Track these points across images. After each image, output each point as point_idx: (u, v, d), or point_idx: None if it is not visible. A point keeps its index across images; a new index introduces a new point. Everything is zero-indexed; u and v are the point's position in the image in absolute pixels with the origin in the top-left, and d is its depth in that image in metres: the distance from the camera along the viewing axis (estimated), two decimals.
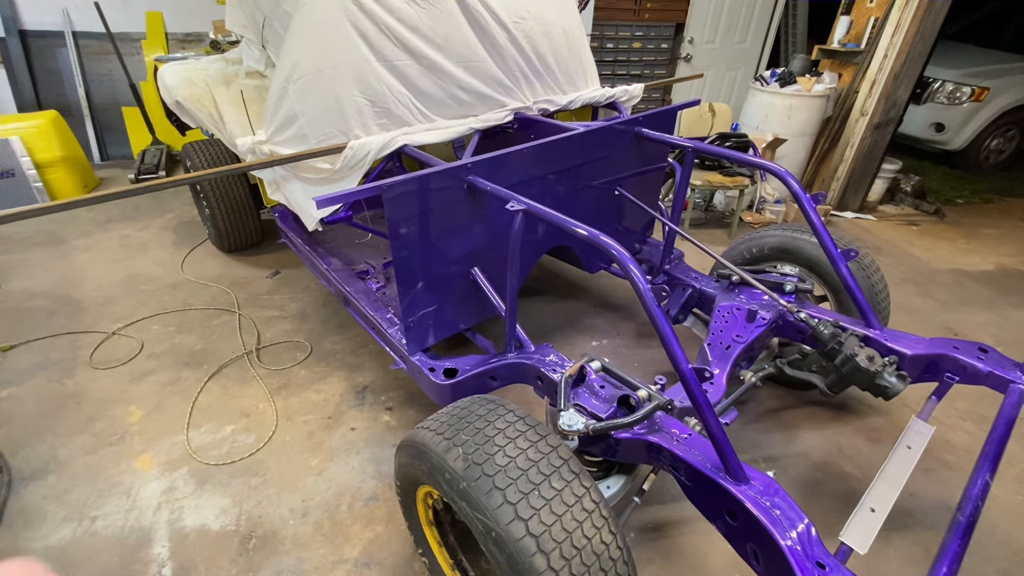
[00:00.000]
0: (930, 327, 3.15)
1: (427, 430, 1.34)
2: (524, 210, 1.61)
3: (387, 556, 1.80)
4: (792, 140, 4.47)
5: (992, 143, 5.70)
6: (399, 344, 2.04)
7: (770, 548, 1.18)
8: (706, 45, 5.72)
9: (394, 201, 1.66)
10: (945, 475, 2.18)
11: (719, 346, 1.97)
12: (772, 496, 1.25)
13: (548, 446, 1.24)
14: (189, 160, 3.39)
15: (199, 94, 2.87)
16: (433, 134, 2.20)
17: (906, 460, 1.54)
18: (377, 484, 2.06)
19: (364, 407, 2.42)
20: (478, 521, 1.15)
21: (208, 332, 2.90)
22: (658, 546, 1.86)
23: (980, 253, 4.13)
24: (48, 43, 4.93)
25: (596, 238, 1.42)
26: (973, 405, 2.50)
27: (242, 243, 3.62)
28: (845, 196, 4.65)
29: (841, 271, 1.89)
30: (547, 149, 2.04)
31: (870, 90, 4.24)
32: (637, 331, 2.98)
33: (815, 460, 2.22)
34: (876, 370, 1.79)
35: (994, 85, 5.34)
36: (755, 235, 2.46)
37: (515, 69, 2.41)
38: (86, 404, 2.39)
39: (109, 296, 3.17)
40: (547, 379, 1.77)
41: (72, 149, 4.49)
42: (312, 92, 2.00)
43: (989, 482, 1.34)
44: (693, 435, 1.46)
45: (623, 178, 2.46)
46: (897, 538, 1.90)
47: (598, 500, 1.18)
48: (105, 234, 3.90)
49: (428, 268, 1.88)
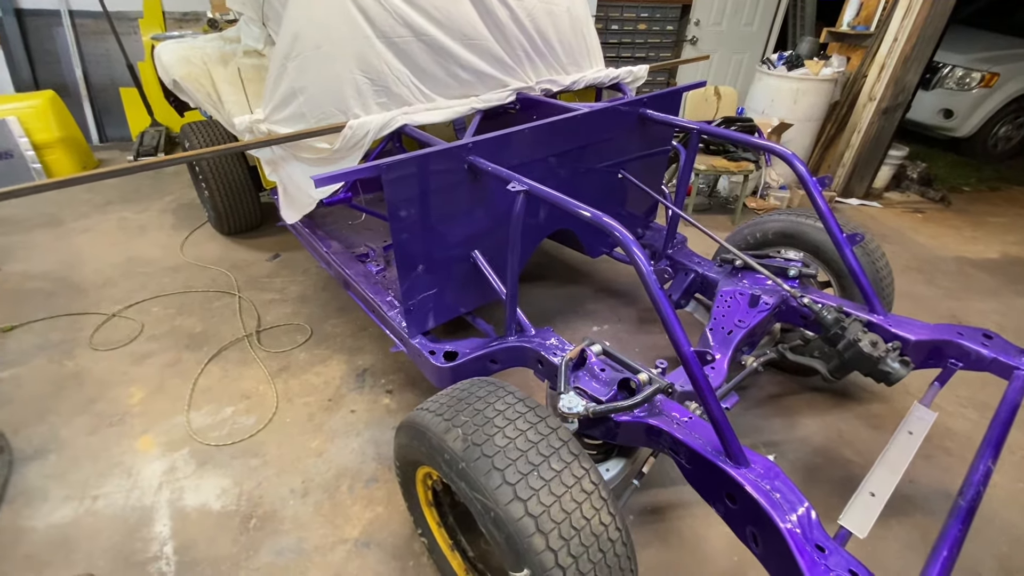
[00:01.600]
0: (934, 314, 3.14)
1: (427, 411, 1.33)
2: (525, 191, 1.59)
3: (387, 536, 1.81)
4: (798, 125, 4.40)
5: (1000, 130, 5.62)
6: (399, 327, 2.03)
7: (769, 531, 1.18)
8: (712, 27, 5.63)
9: (394, 182, 1.64)
10: (946, 462, 2.18)
11: (721, 331, 1.96)
12: (772, 479, 1.24)
13: (548, 427, 1.23)
14: (188, 141, 3.36)
15: (196, 73, 2.83)
16: (434, 114, 2.16)
17: (907, 446, 1.53)
18: (377, 466, 2.06)
19: (364, 390, 2.42)
20: (477, 501, 1.14)
21: (208, 315, 2.89)
22: (657, 529, 1.87)
23: (985, 241, 4.09)
24: (45, 22, 4.86)
25: (599, 219, 1.40)
26: (975, 392, 2.49)
27: (242, 226, 3.60)
28: (851, 182, 4.59)
29: (846, 255, 1.87)
30: (549, 130, 2.01)
31: (879, 74, 4.17)
32: (639, 317, 2.97)
33: (815, 445, 2.22)
34: (879, 356, 1.78)
35: (1004, 71, 5.25)
36: (759, 220, 2.43)
37: (517, 48, 2.36)
38: (87, 385, 2.39)
39: (108, 278, 3.16)
40: (547, 362, 1.76)
41: (70, 130, 4.45)
42: (311, 69, 1.97)
43: (991, 468, 1.34)
44: (694, 418, 1.45)
45: (626, 161, 2.42)
46: (896, 524, 1.90)
47: (597, 482, 1.18)
48: (104, 216, 3.88)
49: (428, 251, 1.86)
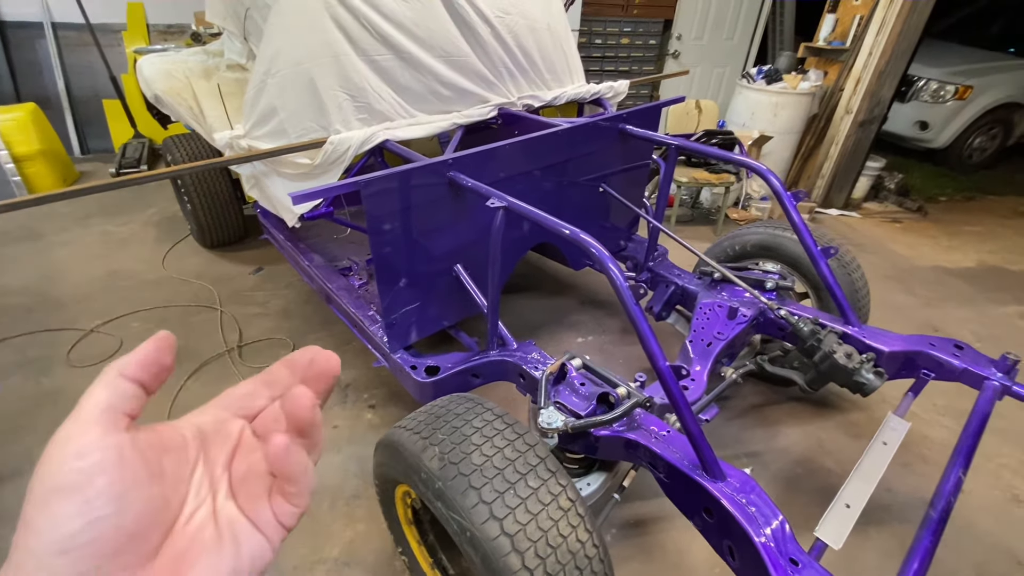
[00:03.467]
0: (912, 323, 3.19)
1: (404, 429, 1.33)
2: (505, 207, 1.60)
3: (367, 555, 1.79)
4: (778, 137, 4.49)
5: (975, 141, 5.76)
6: (381, 342, 2.02)
7: (745, 545, 1.19)
8: (694, 42, 5.73)
9: (373, 197, 1.64)
10: (922, 469, 2.21)
11: (700, 343, 1.98)
12: (748, 493, 1.26)
13: (525, 444, 1.24)
14: (170, 155, 3.34)
15: (178, 87, 2.82)
16: (415, 129, 2.18)
17: (881, 456, 1.55)
18: (359, 482, 2.05)
19: (347, 405, 2.41)
20: (453, 521, 1.14)
21: (189, 329, 2.86)
22: (639, 542, 1.87)
23: (962, 250, 4.18)
24: (27, 34, 4.82)
25: (576, 236, 1.41)
26: (951, 400, 2.53)
27: (225, 239, 3.57)
28: (830, 193, 4.68)
29: (821, 269, 1.90)
30: (530, 145, 2.03)
31: (855, 88, 4.27)
32: (623, 327, 2.99)
33: (796, 455, 2.24)
34: (854, 367, 1.81)
35: (978, 83, 5.40)
36: (738, 232, 2.47)
37: (499, 64, 2.39)
38: (63, 403, 2.35)
39: (88, 293, 3.12)
40: (529, 376, 1.76)
41: (51, 142, 4.40)
42: (291, 86, 1.97)
43: (962, 478, 1.36)
44: (672, 432, 1.46)
45: (607, 175, 2.45)
46: (875, 532, 1.92)
47: (574, 498, 1.18)
48: (85, 230, 3.84)
49: (409, 265, 1.86)
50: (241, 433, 0.41)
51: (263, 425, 0.41)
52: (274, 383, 0.43)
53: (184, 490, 0.36)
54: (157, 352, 0.35)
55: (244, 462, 0.39)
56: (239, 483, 0.39)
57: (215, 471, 0.39)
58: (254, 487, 0.38)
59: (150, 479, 0.33)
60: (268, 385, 0.43)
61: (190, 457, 0.37)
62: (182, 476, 0.36)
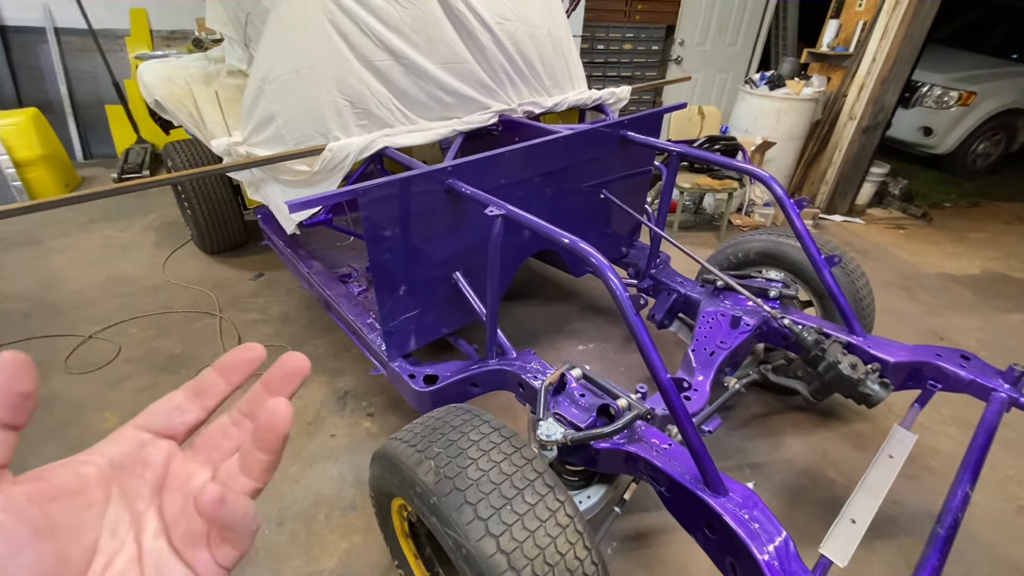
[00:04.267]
0: (916, 331, 3.16)
1: (399, 441, 1.31)
2: (503, 215, 1.58)
3: (363, 568, 1.76)
4: (781, 143, 4.47)
5: (979, 147, 5.73)
6: (379, 349, 2.00)
7: (747, 562, 1.16)
8: (697, 47, 5.72)
9: (371, 205, 1.63)
10: (930, 481, 2.17)
11: (703, 352, 1.95)
12: (751, 509, 1.23)
13: (522, 458, 1.21)
14: (171, 160, 3.34)
15: (179, 93, 2.81)
16: (415, 136, 2.16)
17: (888, 469, 1.52)
18: (356, 493, 2.02)
19: (345, 413, 2.39)
20: (448, 537, 1.12)
21: (188, 336, 2.85)
22: (640, 556, 1.84)
23: (966, 257, 4.15)
24: (29, 39, 4.83)
25: (575, 245, 1.39)
26: (958, 411, 2.50)
27: (225, 244, 3.56)
28: (834, 199, 4.65)
29: (824, 277, 1.87)
30: (531, 152, 2.01)
31: (858, 94, 4.25)
32: (624, 335, 2.96)
33: (800, 467, 2.21)
34: (859, 378, 1.78)
35: (981, 89, 5.37)
36: (741, 239, 2.44)
37: (500, 71, 2.37)
38: (59, 410, 2.33)
39: (87, 298, 3.11)
40: (528, 386, 1.74)
41: (53, 147, 4.41)
42: (289, 92, 1.96)
43: (969, 493, 1.33)
44: (673, 445, 1.43)
45: (609, 182, 2.43)
46: (881, 546, 1.88)
47: (572, 514, 1.16)
48: (85, 235, 3.83)
49: (408, 273, 1.84)
50: (168, 459, 0.35)
51: (210, 444, 0.37)
52: (206, 391, 0.38)
53: (92, 537, 0.31)
54: (10, 380, 0.29)
55: (179, 495, 0.34)
56: (174, 520, 0.34)
57: (136, 507, 0.33)
58: (194, 524, 0.33)
59: (34, 538, 0.29)
60: (199, 394, 0.38)
61: (93, 499, 0.32)
62: (85, 523, 0.31)
